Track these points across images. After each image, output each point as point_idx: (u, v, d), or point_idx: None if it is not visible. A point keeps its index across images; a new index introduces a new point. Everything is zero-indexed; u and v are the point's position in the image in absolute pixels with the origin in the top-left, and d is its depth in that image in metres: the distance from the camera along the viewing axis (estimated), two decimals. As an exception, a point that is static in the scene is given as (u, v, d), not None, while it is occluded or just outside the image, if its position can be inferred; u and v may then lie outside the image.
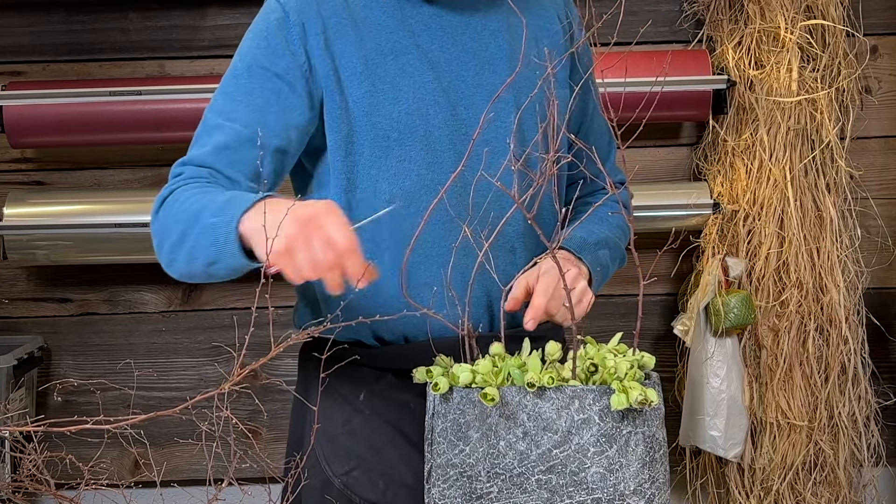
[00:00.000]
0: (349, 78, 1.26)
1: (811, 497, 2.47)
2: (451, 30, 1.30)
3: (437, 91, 1.27)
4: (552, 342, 1.09)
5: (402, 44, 1.27)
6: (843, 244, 2.48)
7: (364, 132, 1.27)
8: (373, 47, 1.27)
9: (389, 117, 1.26)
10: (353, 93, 1.26)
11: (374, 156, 1.27)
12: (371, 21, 1.28)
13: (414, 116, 1.26)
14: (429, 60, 1.27)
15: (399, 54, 1.27)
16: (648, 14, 2.54)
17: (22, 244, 2.44)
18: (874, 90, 2.63)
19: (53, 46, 2.58)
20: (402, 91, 1.26)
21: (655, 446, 0.99)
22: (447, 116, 1.27)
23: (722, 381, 2.41)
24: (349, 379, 1.32)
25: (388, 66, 1.27)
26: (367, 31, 1.27)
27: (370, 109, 1.26)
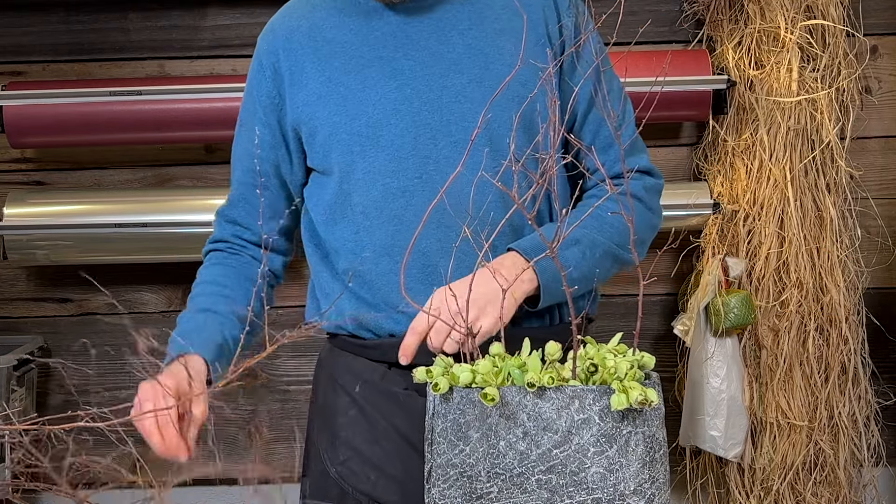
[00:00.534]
0: (313, 103, 1.33)
1: (811, 497, 2.47)
2: (416, 35, 1.31)
3: (399, 99, 1.29)
4: (552, 342, 1.09)
5: (366, 58, 1.31)
6: (843, 244, 2.48)
7: (333, 150, 1.32)
8: (338, 66, 1.32)
9: (351, 132, 1.30)
10: (320, 115, 1.32)
11: (343, 172, 1.32)
12: (337, 41, 1.33)
13: (375, 128, 1.30)
14: (392, 70, 1.30)
15: (362, 68, 1.31)
16: (648, 14, 2.54)
17: (22, 244, 2.44)
18: (874, 90, 2.63)
19: (53, 46, 2.58)
20: (363, 105, 1.30)
21: (655, 446, 0.99)
22: (409, 123, 1.29)
23: (722, 381, 2.41)
24: (349, 371, 1.38)
25: (350, 82, 1.31)
26: (333, 52, 1.33)
27: (334, 129, 1.31)
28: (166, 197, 2.50)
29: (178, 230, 2.41)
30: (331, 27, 1.34)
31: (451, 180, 1.13)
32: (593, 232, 1.27)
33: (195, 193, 2.52)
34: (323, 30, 1.34)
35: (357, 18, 1.33)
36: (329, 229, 1.37)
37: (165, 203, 2.46)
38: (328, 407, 1.40)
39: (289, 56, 1.34)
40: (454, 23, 1.31)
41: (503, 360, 1.05)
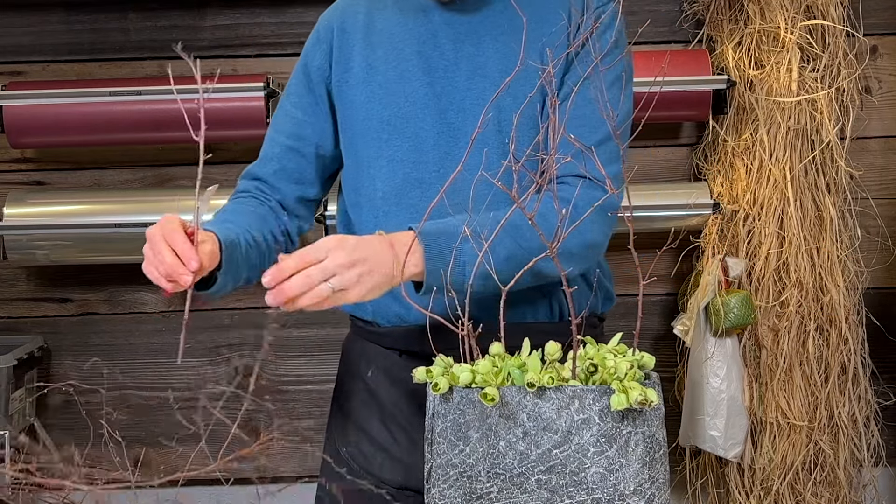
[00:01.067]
0: (355, 86, 1.40)
1: (811, 497, 2.47)
2: (454, 36, 1.37)
3: (429, 95, 1.36)
4: (552, 342, 1.09)
5: (406, 52, 1.38)
6: (843, 244, 2.48)
7: (362, 135, 1.40)
8: (380, 55, 1.39)
9: (381, 119, 1.37)
10: (356, 98, 1.40)
11: (370, 156, 1.39)
12: (385, 32, 1.40)
13: (403, 119, 1.36)
14: (426, 67, 1.37)
15: (401, 61, 1.38)
16: (648, 14, 2.54)
17: (22, 244, 2.44)
18: (874, 90, 2.63)
19: (53, 46, 2.58)
20: (395, 96, 1.37)
21: (655, 446, 0.99)
22: (435, 119, 1.35)
23: (722, 381, 2.41)
24: (363, 356, 1.46)
25: (388, 72, 1.38)
26: (379, 41, 1.40)
27: (366, 114, 1.39)
28: (166, 197, 2.50)
29: (178, 230, 2.41)
30: (383, 18, 1.42)
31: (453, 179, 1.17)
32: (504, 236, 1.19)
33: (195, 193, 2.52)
34: (376, 20, 1.42)
35: (407, 14, 1.40)
36: (356, 212, 1.44)
37: (165, 203, 2.46)
38: (343, 390, 1.49)
39: (341, 36, 1.42)
40: (489, 28, 1.37)
41: (503, 360, 1.05)
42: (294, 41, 2.59)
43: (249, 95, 2.39)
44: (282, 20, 2.58)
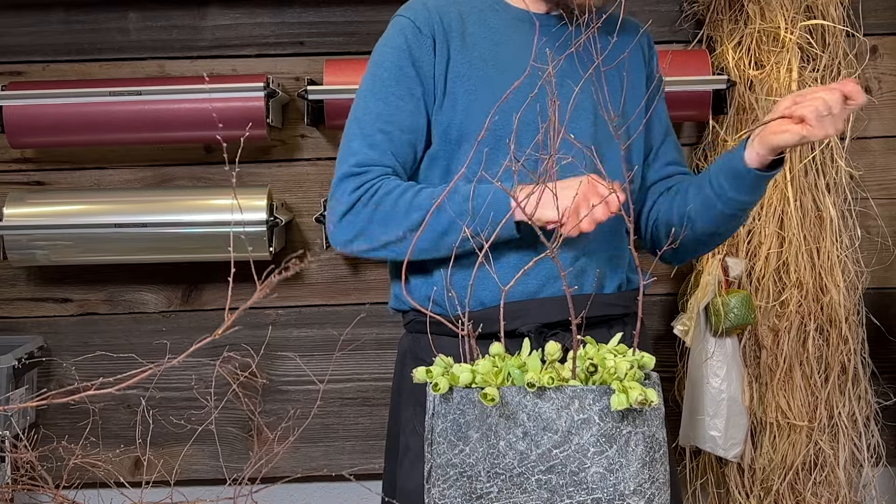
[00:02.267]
0: (454, 80, 1.45)
1: (811, 497, 2.47)
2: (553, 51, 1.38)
3: (530, 112, 1.36)
4: (551, 342, 1.09)
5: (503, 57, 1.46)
6: (843, 244, 2.48)
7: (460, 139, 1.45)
8: (478, 55, 1.46)
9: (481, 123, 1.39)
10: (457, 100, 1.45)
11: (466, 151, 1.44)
12: (480, 34, 1.49)
13: (506, 129, 1.38)
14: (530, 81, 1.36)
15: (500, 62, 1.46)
16: (648, 14, 2.54)
17: (22, 244, 2.44)
18: (874, 90, 2.62)
19: (53, 46, 2.58)
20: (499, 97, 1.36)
21: (655, 446, 0.99)
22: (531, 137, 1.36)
23: (722, 381, 2.41)
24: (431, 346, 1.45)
25: (489, 70, 1.46)
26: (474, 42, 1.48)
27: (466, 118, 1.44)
28: (166, 197, 2.50)
29: (178, 230, 2.41)
30: (475, 22, 1.48)
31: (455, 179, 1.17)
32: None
33: (195, 193, 2.53)
34: (468, 23, 1.48)
35: (499, 20, 1.48)
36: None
37: (165, 203, 2.46)
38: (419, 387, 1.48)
39: (441, 31, 1.47)
40: (589, 52, 1.38)
41: (503, 360, 1.05)
42: (294, 41, 2.59)
43: (249, 95, 2.39)
44: (282, 20, 2.58)
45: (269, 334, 2.62)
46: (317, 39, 2.59)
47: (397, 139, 1.45)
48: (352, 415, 2.67)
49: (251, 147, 2.51)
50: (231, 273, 1.01)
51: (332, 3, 2.57)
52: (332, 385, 2.64)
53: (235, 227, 2.34)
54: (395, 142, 1.45)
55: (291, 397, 2.64)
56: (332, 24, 2.59)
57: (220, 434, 2.60)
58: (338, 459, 2.66)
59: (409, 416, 1.53)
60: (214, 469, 2.58)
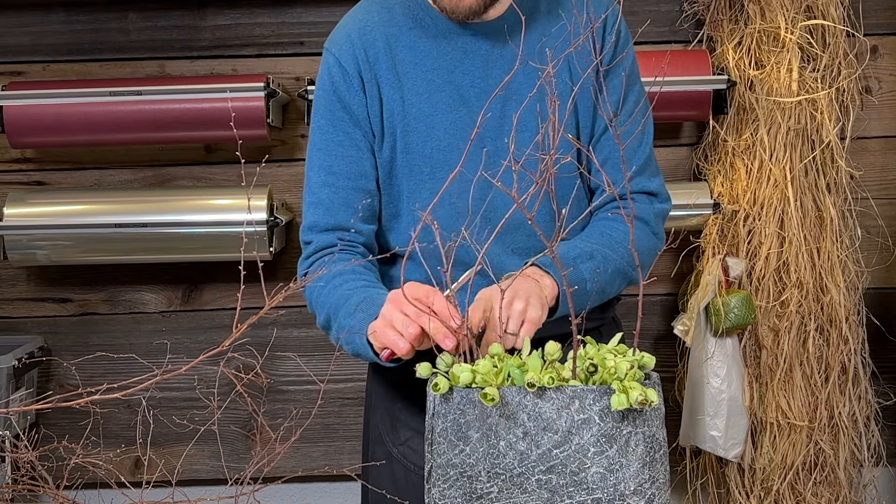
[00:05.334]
0: (389, 119, 1.39)
1: (811, 497, 2.47)
2: (483, 62, 1.38)
3: (469, 126, 1.36)
4: (551, 342, 1.09)
5: (437, 81, 1.38)
6: (843, 244, 2.48)
7: (401, 167, 1.40)
8: (410, 87, 1.39)
9: (422, 154, 1.38)
10: (393, 132, 1.40)
11: (411, 189, 1.40)
12: (409, 61, 1.39)
13: (445, 152, 1.38)
14: (460, 96, 1.37)
15: (434, 92, 1.38)
16: (648, 14, 2.54)
17: (22, 244, 2.44)
18: (874, 90, 2.62)
19: (53, 46, 2.58)
20: (435, 129, 1.37)
21: (655, 446, 0.99)
22: (474, 149, 1.34)
23: (722, 381, 2.41)
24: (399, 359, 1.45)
25: (422, 104, 1.38)
26: (405, 71, 1.39)
27: (405, 147, 1.39)
28: (166, 197, 2.50)
29: (178, 230, 2.41)
30: (403, 46, 1.39)
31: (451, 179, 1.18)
32: (605, 249, 1.34)
33: (195, 193, 2.53)
34: (397, 48, 1.39)
35: (428, 40, 1.39)
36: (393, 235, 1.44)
37: (165, 203, 2.46)
38: (387, 394, 1.50)
39: (368, 68, 1.40)
40: (517, 52, 1.36)
41: (503, 360, 1.05)
42: (294, 41, 2.59)
43: (249, 95, 2.39)
44: (282, 20, 2.58)
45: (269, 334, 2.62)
46: (317, 39, 2.59)
47: (343, 189, 1.41)
48: (352, 415, 2.67)
49: (251, 147, 2.51)
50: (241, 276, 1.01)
51: (332, 3, 2.57)
52: (332, 385, 2.64)
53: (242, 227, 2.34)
54: (340, 192, 1.41)
55: (292, 397, 2.64)
56: (332, 24, 2.56)
57: (221, 434, 2.60)
58: (338, 459, 2.66)
59: (377, 423, 1.53)
60: (215, 469, 2.58)
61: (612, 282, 1.35)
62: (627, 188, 1.30)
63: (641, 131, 1.40)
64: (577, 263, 1.30)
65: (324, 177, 1.42)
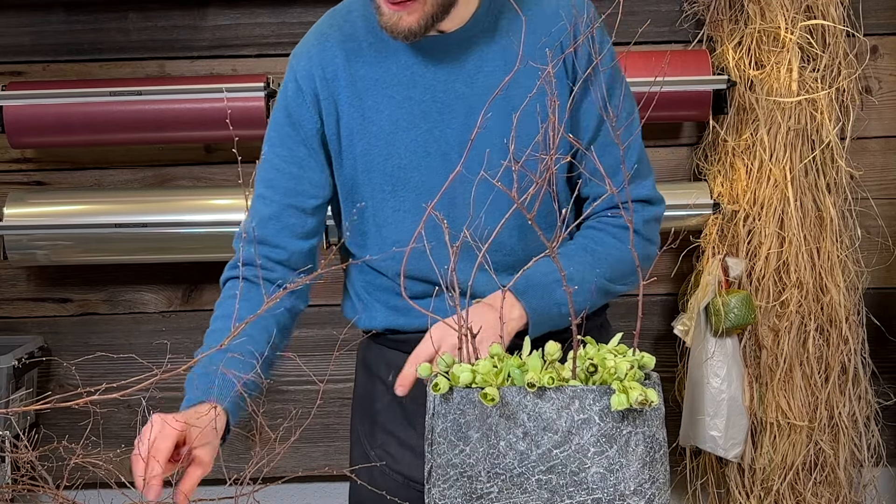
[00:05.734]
0: (348, 137, 1.37)
1: (811, 497, 2.47)
2: (444, 77, 1.34)
3: (430, 141, 1.34)
4: (551, 342, 1.09)
5: (396, 98, 1.35)
6: (843, 244, 2.48)
7: (364, 186, 1.38)
8: (371, 105, 1.36)
9: (384, 172, 1.36)
10: (354, 151, 1.37)
11: (375, 207, 1.38)
12: (370, 78, 1.36)
13: (407, 169, 1.35)
14: (422, 112, 1.34)
15: (394, 108, 1.35)
16: (648, 14, 2.54)
17: (22, 244, 2.44)
18: (874, 90, 2.63)
19: (53, 46, 2.58)
20: (396, 146, 1.35)
21: (655, 446, 0.99)
22: (437, 165, 1.34)
23: (722, 381, 2.41)
24: (384, 362, 1.47)
25: (383, 122, 1.35)
26: (366, 89, 1.36)
27: (367, 166, 1.36)
28: (166, 197, 2.50)
29: (178, 230, 2.41)
30: (363, 63, 1.36)
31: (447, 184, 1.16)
32: (586, 268, 1.31)
33: (195, 193, 2.53)
34: (357, 64, 1.37)
35: (388, 56, 1.36)
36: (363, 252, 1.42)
37: (165, 203, 2.46)
38: (367, 396, 1.50)
39: (325, 85, 1.37)
40: (480, 64, 1.34)
41: (503, 360, 1.05)
42: (294, 41, 2.57)
43: (249, 95, 2.39)
44: (282, 20, 2.58)
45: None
46: (317, 39, 2.58)
47: (276, 203, 1.39)
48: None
49: (251, 147, 2.51)
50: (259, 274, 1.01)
51: (332, 3, 2.57)
52: (332, 385, 2.64)
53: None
54: (272, 207, 1.39)
55: (291, 397, 2.64)
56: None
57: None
58: (338, 459, 2.66)
59: (357, 424, 1.53)
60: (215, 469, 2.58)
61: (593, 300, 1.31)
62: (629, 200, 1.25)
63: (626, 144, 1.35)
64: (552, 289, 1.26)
65: (262, 189, 1.40)
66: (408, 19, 1.27)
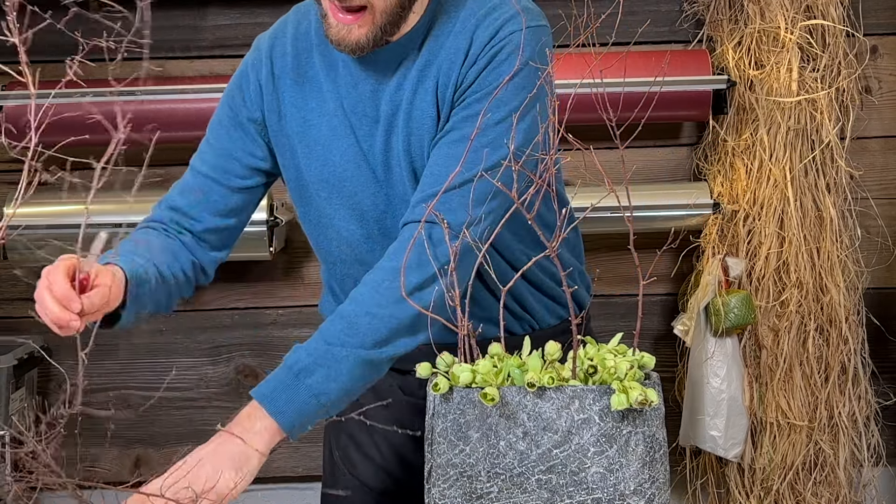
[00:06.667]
0: (291, 136, 1.36)
1: (811, 497, 2.47)
2: (370, 94, 1.32)
3: (358, 154, 1.33)
4: (551, 342, 1.09)
5: (332, 106, 1.34)
6: (843, 244, 2.48)
7: (305, 188, 1.38)
8: (313, 107, 1.35)
9: (321, 177, 1.36)
10: (295, 151, 1.37)
11: (317, 210, 1.39)
12: (315, 81, 1.35)
13: (341, 178, 1.34)
14: (350, 125, 1.33)
15: (331, 117, 1.34)
16: (648, 14, 2.54)
17: (22, 244, 2.44)
18: (874, 90, 2.63)
19: (54, 46, 2.58)
20: (332, 154, 1.34)
21: (655, 446, 0.99)
22: (367, 179, 1.34)
23: (722, 381, 2.41)
24: None
25: (322, 127, 1.34)
26: (310, 91, 1.35)
27: (306, 169, 1.36)
28: (166, 197, 2.50)
29: (178, 230, 2.41)
30: (311, 65, 1.36)
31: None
32: (335, 346, 1.20)
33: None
34: (304, 66, 1.36)
35: (333, 62, 1.34)
36: (319, 254, 1.47)
37: (165, 203, 2.46)
38: None
39: (271, 80, 1.38)
40: (401, 81, 1.31)
41: (503, 360, 1.05)
42: (294, 41, 2.59)
43: (249, 95, 2.39)
44: (282, 20, 2.58)
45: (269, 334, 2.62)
46: (317, 39, 2.59)
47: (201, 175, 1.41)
48: (352, 415, 2.67)
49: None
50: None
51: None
52: (333, 385, 2.64)
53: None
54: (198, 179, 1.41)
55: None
56: (332, 24, 2.59)
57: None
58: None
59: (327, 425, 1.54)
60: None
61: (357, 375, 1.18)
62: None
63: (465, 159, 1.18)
64: (299, 379, 1.17)
65: (194, 160, 1.44)
66: (357, 32, 1.23)
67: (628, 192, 1.16)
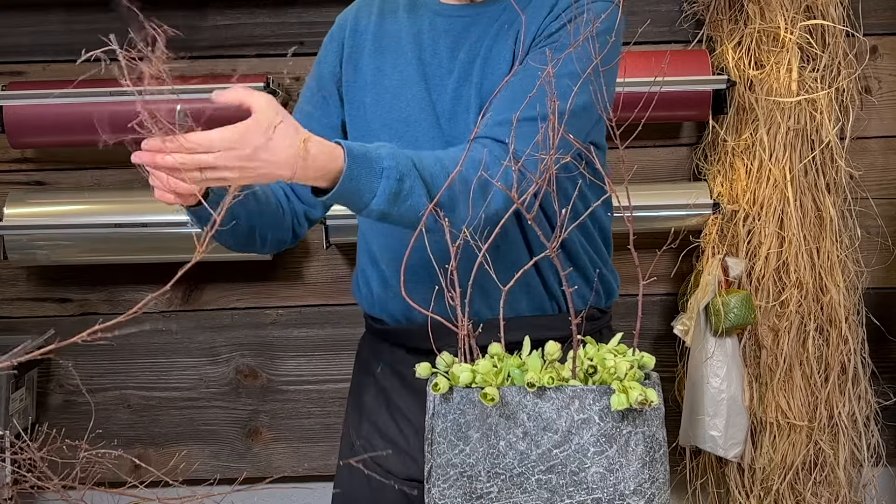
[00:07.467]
0: (363, 87, 1.43)
1: (811, 497, 2.47)
2: (452, 40, 1.39)
3: (425, 101, 1.39)
4: (551, 342, 1.09)
5: (408, 56, 1.41)
6: (843, 244, 2.48)
7: (366, 136, 1.42)
8: (388, 59, 1.42)
9: (383, 122, 1.41)
10: (364, 100, 1.43)
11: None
12: (393, 35, 1.43)
13: (403, 123, 1.40)
14: (423, 73, 1.39)
15: (404, 66, 1.41)
16: (648, 14, 2.54)
17: (22, 244, 2.44)
18: (874, 90, 2.62)
19: (53, 46, 2.58)
20: (398, 100, 1.40)
21: (655, 446, 1.00)
22: (430, 125, 1.38)
23: (722, 381, 2.41)
24: (374, 353, 1.54)
25: (394, 76, 1.41)
26: (388, 45, 1.43)
27: (372, 115, 1.42)
28: (166, 197, 2.50)
29: (177, 230, 2.41)
30: (393, 20, 1.45)
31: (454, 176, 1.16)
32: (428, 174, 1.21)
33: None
34: (386, 21, 1.45)
35: (412, 15, 1.43)
36: None
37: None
38: (357, 386, 1.56)
39: (353, 36, 1.47)
40: (480, 33, 1.38)
41: (503, 359, 1.05)
42: (294, 41, 2.59)
43: (249, 95, 2.39)
44: (282, 20, 2.58)
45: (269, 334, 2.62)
46: (317, 39, 2.58)
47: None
48: (352, 415, 2.67)
49: (251, 147, 2.51)
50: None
51: (332, 3, 2.57)
52: (332, 385, 2.64)
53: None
54: None
55: (291, 397, 2.64)
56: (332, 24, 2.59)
57: (220, 434, 2.60)
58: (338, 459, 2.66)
59: (348, 415, 1.58)
60: (215, 468, 2.58)
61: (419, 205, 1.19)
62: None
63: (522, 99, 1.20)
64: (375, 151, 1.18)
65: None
66: None
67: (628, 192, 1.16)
